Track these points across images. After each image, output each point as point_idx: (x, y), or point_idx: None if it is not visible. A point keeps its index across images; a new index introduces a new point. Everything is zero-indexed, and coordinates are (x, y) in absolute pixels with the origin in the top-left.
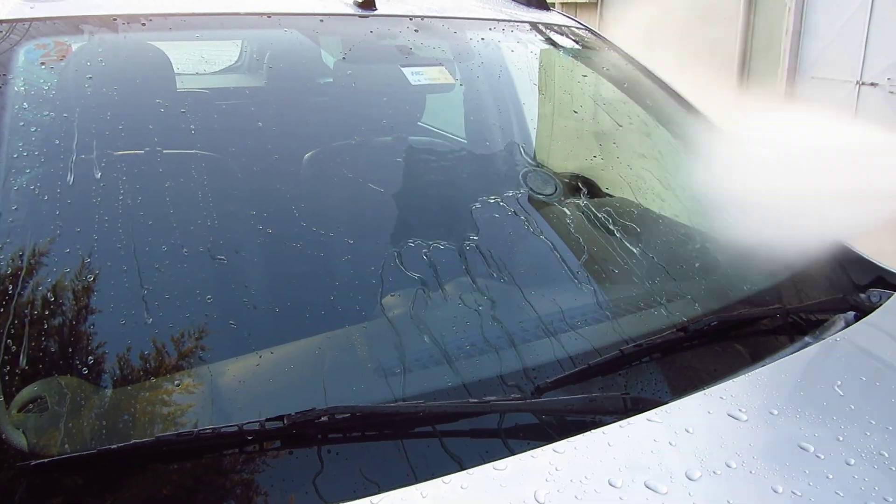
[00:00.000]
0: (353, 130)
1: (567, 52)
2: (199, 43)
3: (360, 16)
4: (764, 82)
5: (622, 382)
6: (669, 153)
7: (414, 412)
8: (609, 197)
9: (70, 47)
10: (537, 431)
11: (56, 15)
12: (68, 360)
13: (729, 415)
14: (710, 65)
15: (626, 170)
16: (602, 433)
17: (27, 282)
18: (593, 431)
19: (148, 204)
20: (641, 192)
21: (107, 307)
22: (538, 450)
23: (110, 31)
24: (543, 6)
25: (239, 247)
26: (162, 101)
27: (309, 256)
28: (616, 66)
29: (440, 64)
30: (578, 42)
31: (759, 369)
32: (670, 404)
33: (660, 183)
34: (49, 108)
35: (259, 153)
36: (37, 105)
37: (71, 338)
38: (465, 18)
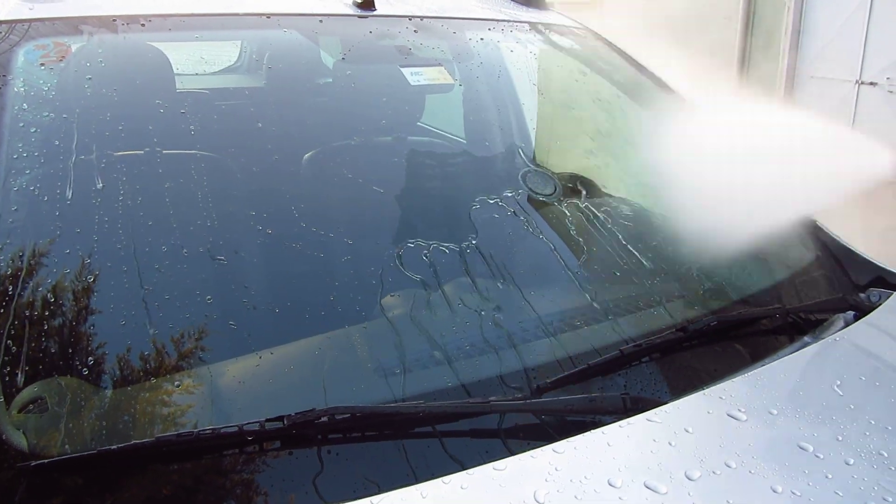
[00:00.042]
0: (353, 131)
1: (566, 52)
2: (199, 43)
3: (360, 16)
4: (763, 81)
5: (622, 382)
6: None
7: (414, 412)
8: (608, 197)
9: (70, 48)
10: (537, 431)
11: (55, 16)
12: (68, 361)
13: (728, 415)
14: (710, 64)
15: (626, 170)
16: (602, 433)
17: (27, 282)
18: (593, 431)
19: (148, 204)
20: (640, 192)
21: (107, 308)
22: (538, 450)
23: (110, 32)
24: (542, 6)
25: (238, 247)
26: (161, 102)
27: (308, 257)
28: (615, 66)
29: (439, 64)
30: (578, 42)
31: (759, 369)
32: (670, 404)
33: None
34: (49, 109)
35: (258, 153)
36: (36, 106)
37: (71, 338)
38: (465, 19)
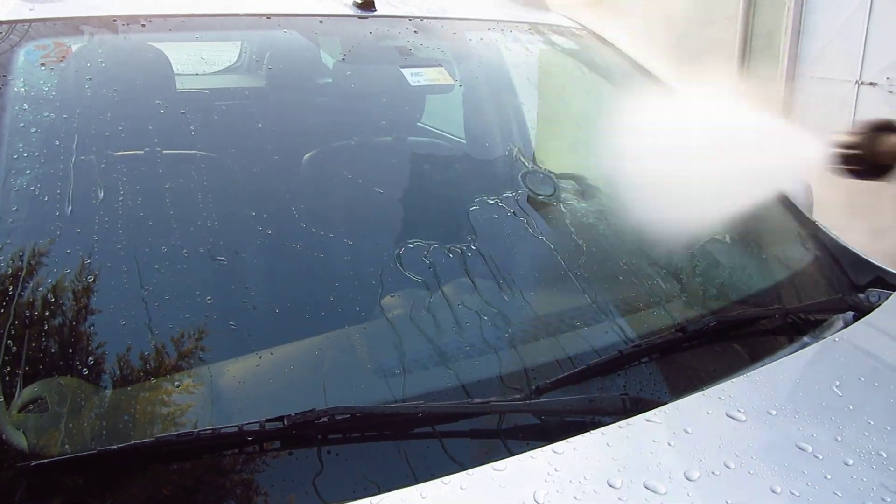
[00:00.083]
0: (353, 131)
1: (566, 53)
2: (199, 44)
3: (360, 17)
4: (763, 82)
5: (621, 383)
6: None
7: (413, 413)
8: (608, 197)
9: (70, 48)
10: (536, 432)
11: (56, 16)
12: (69, 361)
13: (728, 415)
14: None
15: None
16: (601, 434)
17: (27, 282)
18: (592, 432)
19: (148, 204)
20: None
21: (107, 308)
22: (537, 450)
23: (110, 32)
24: (543, 7)
25: (238, 247)
26: (162, 102)
27: (308, 257)
28: (615, 67)
29: (439, 65)
30: (578, 43)
31: (758, 369)
32: (669, 405)
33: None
34: (49, 109)
35: (259, 154)
36: (37, 106)
37: (71, 338)
38: (465, 19)
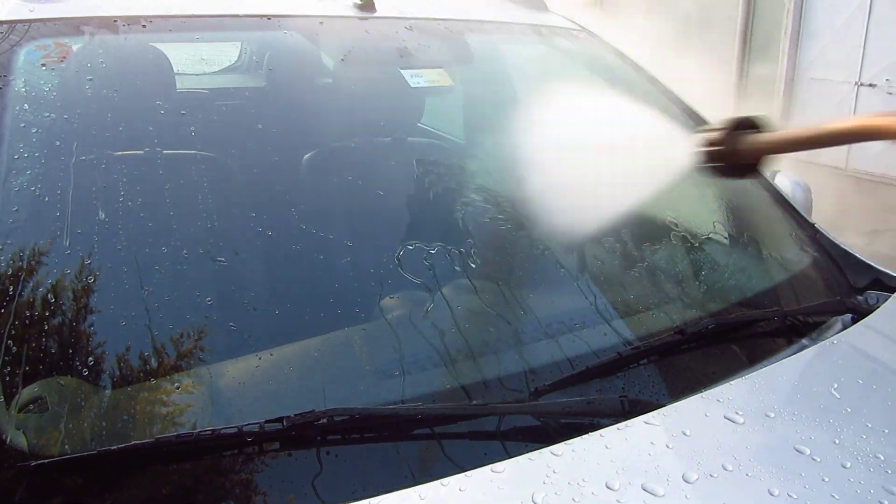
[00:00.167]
0: (353, 132)
1: (566, 55)
2: (199, 45)
3: (360, 18)
4: (762, 83)
5: (620, 385)
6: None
7: (412, 414)
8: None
9: (70, 48)
10: (535, 434)
11: (56, 16)
12: (69, 361)
13: (726, 417)
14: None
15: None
16: (600, 436)
17: (27, 282)
18: (591, 434)
19: (148, 205)
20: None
21: (107, 308)
22: (536, 452)
23: (111, 33)
24: (542, 8)
25: (238, 248)
26: (162, 103)
27: (308, 258)
28: (615, 68)
29: (439, 66)
30: (577, 44)
31: (757, 372)
32: (668, 407)
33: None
34: (50, 110)
35: (259, 154)
36: (37, 106)
37: (71, 339)
38: (465, 21)
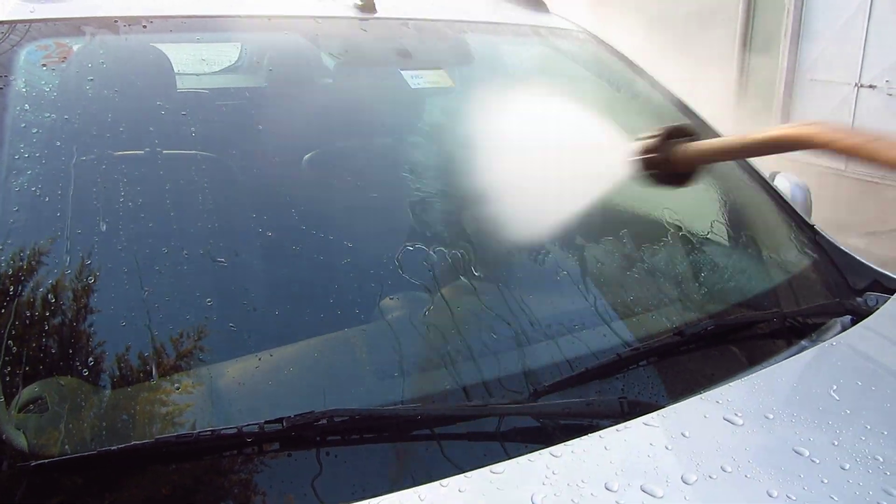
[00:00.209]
0: (353, 133)
1: (566, 55)
2: (199, 45)
3: (361, 18)
4: (762, 84)
5: (619, 386)
6: None
7: (412, 415)
8: (606, 198)
9: (71, 49)
10: (535, 435)
11: (57, 16)
12: (69, 361)
13: (725, 419)
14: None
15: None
16: (599, 437)
17: (27, 282)
18: (590, 435)
19: (148, 205)
20: (638, 196)
21: (107, 308)
22: (535, 453)
23: (111, 33)
24: (543, 9)
25: (238, 248)
26: (162, 103)
27: (308, 258)
28: (615, 70)
29: (440, 67)
30: (577, 45)
31: (756, 373)
32: (667, 408)
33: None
34: (50, 110)
35: (259, 154)
36: (38, 106)
37: (71, 339)
38: (465, 21)
